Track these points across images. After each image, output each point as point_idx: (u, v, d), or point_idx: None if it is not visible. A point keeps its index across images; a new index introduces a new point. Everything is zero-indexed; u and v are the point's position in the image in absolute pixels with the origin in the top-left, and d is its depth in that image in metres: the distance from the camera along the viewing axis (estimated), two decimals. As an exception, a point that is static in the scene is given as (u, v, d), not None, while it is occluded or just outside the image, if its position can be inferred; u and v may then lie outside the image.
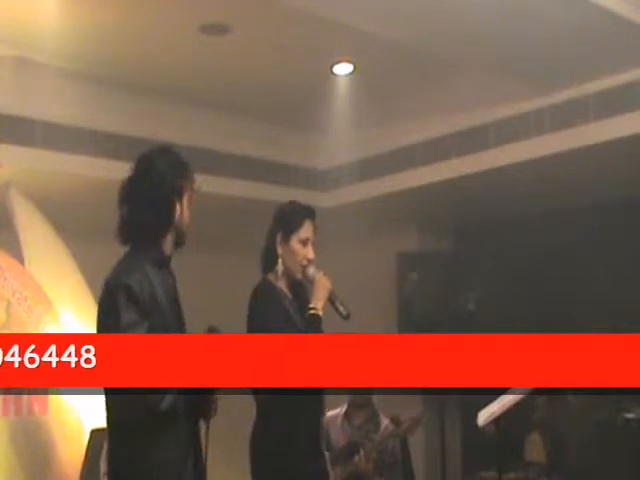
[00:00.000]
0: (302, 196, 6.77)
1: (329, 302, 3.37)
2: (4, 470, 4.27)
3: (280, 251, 3.38)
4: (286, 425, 3.25)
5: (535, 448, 6.57)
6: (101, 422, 4.60)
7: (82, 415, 4.73)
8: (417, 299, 6.78)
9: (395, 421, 5.07)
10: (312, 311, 3.30)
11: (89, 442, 4.38)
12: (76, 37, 4.80)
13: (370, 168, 6.69)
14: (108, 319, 2.69)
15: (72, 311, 4.91)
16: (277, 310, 3.33)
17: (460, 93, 5.88)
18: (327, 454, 3.47)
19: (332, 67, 5.57)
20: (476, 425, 4.15)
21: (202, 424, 2.84)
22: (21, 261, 4.77)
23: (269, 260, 3.41)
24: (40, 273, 4.82)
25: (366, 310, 7.16)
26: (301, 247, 3.39)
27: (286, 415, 3.24)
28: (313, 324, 3.28)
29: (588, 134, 5.48)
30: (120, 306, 2.64)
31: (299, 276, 3.41)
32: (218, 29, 4.97)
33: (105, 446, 4.14)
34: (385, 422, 5.10)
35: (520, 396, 4.01)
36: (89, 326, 5.00)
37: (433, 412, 6.74)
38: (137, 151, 2.82)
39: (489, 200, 6.67)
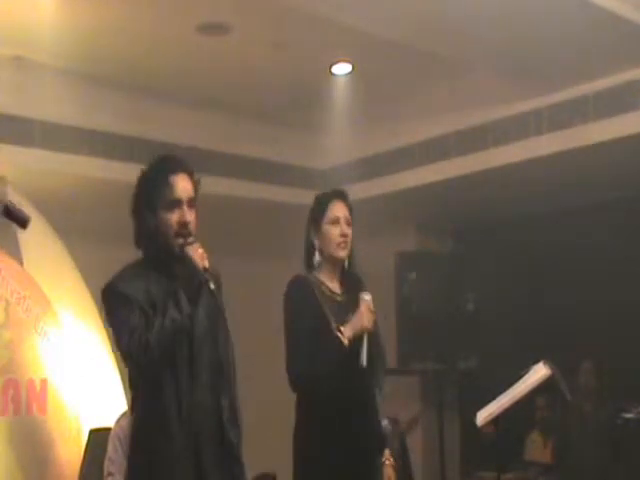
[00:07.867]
0: (300, 196, 6.80)
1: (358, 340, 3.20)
2: (2, 470, 4.25)
3: (316, 241, 3.42)
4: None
5: (535, 447, 6.57)
6: (100, 422, 4.62)
7: (81, 415, 4.72)
8: (416, 299, 6.77)
9: (393, 421, 5.06)
10: (338, 333, 3.18)
11: (88, 442, 4.36)
12: (75, 37, 4.80)
13: (369, 168, 6.68)
14: None
15: (71, 311, 4.90)
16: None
17: (459, 93, 5.87)
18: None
19: (331, 67, 5.57)
20: (475, 425, 4.15)
21: None
22: (20, 261, 4.75)
23: (308, 255, 3.44)
24: (39, 273, 4.80)
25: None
26: (332, 227, 3.45)
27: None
28: (333, 343, 3.16)
29: (588, 134, 5.48)
30: None
31: (341, 254, 3.44)
32: (216, 29, 4.97)
33: (109, 447, 4.07)
34: (384, 422, 5.08)
35: (519, 396, 4.00)
36: (87, 326, 5.00)
37: (431, 412, 6.73)
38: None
39: (488, 200, 6.66)
